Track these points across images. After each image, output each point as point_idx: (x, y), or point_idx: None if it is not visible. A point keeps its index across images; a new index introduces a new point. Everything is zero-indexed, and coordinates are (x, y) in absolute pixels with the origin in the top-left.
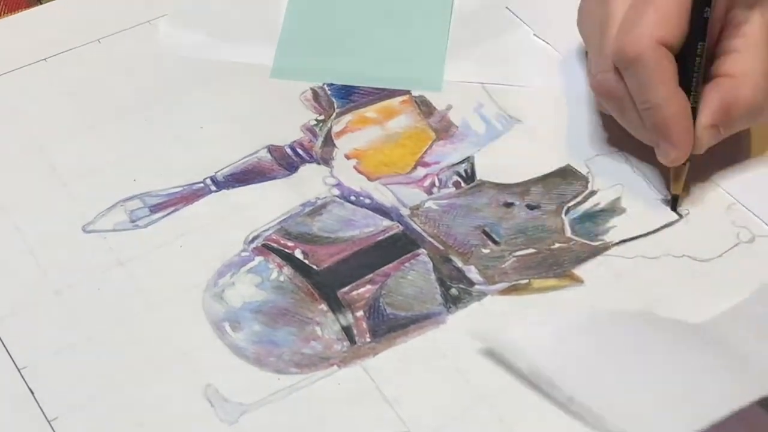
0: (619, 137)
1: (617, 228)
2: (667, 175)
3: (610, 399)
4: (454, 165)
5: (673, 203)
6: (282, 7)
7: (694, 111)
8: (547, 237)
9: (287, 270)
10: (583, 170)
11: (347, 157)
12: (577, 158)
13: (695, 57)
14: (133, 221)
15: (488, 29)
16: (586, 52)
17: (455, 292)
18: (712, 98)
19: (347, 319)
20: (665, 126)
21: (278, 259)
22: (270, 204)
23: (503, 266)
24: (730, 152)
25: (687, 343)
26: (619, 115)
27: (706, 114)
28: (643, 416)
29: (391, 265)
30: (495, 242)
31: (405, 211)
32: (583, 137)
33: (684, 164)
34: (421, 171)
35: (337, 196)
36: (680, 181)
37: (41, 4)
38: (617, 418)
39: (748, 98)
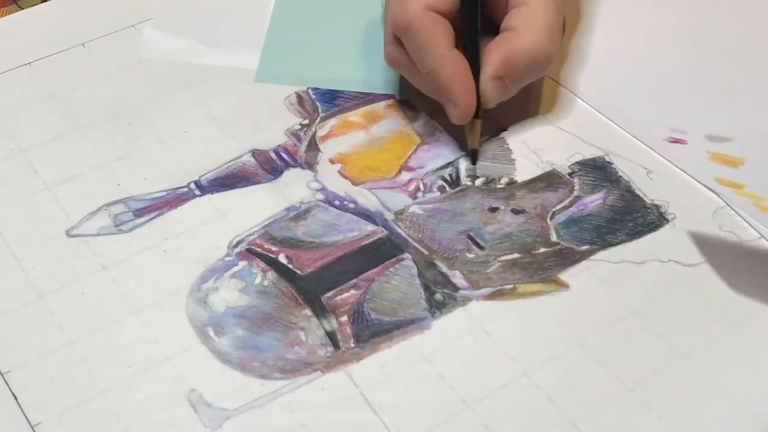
0: (604, 141)
1: (603, 232)
2: None
3: None
4: (438, 169)
5: (473, 157)
6: (267, 11)
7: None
8: (532, 242)
9: (271, 275)
10: (569, 175)
11: (331, 161)
12: (563, 162)
13: (471, 13)
14: (117, 225)
15: None
16: None
17: (440, 297)
18: (493, 52)
19: (331, 324)
20: (445, 87)
21: (262, 264)
22: (254, 208)
23: (488, 271)
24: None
25: None
26: (411, 81)
27: (488, 66)
28: None
29: (375, 269)
30: (480, 247)
31: (389, 216)
32: (568, 141)
33: (475, 119)
34: (405, 175)
35: (322, 201)
36: (475, 136)
37: (17, 4)
38: None
39: (526, 48)
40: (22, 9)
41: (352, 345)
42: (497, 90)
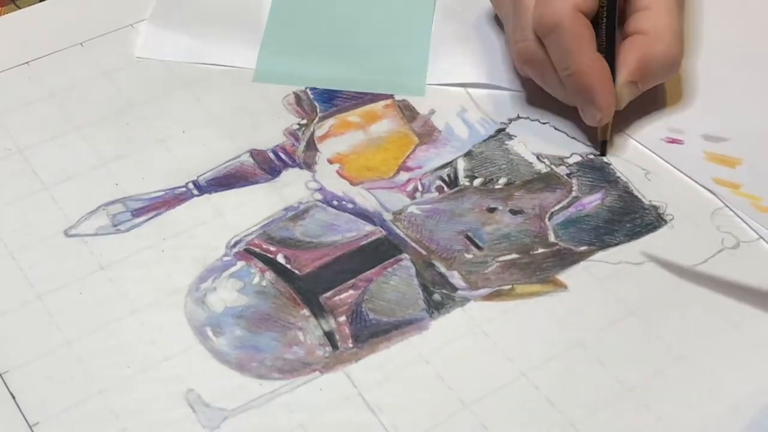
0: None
1: (601, 233)
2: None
3: None
4: (437, 170)
5: (602, 147)
6: (265, 11)
7: (612, 70)
8: (530, 242)
9: (269, 275)
10: (567, 175)
11: (330, 161)
12: (561, 163)
13: (609, 18)
14: (115, 225)
15: (471, 32)
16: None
17: (438, 297)
18: (629, 56)
19: (329, 324)
20: (588, 91)
21: (260, 264)
22: (252, 208)
23: (486, 272)
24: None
25: None
26: (541, 80)
27: (624, 72)
28: None
29: (373, 270)
30: (478, 247)
31: (388, 216)
32: (566, 142)
33: None
34: (403, 176)
35: (320, 201)
36: (608, 129)
37: (15, 4)
38: None
39: (662, 54)
40: (20, 9)
41: (351, 345)
42: (631, 93)
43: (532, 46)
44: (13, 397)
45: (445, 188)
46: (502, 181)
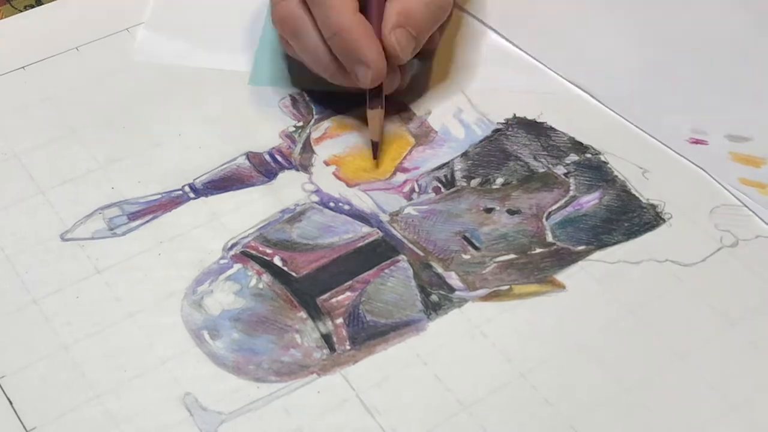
0: (600, 142)
1: (599, 233)
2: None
3: None
4: (433, 170)
5: (374, 149)
6: (261, 14)
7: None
8: (527, 242)
9: (266, 277)
10: (564, 175)
11: (326, 163)
12: (558, 162)
13: None
14: (111, 229)
15: (467, 33)
16: None
17: (436, 298)
18: (391, 7)
19: (327, 326)
20: (356, 49)
21: (257, 267)
22: (249, 211)
23: (484, 272)
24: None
25: None
26: (300, 47)
27: (388, 18)
28: None
29: (370, 271)
30: (475, 248)
31: (384, 218)
32: (563, 142)
33: (377, 109)
34: (400, 177)
35: (316, 203)
36: (377, 126)
37: (11, 4)
38: None
39: None
40: (16, 9)
41: (348, 347)
42: (401, 39)
43: (293, 5)
44: (10, 402)
45: (442, 189)
46: (499, 181)
